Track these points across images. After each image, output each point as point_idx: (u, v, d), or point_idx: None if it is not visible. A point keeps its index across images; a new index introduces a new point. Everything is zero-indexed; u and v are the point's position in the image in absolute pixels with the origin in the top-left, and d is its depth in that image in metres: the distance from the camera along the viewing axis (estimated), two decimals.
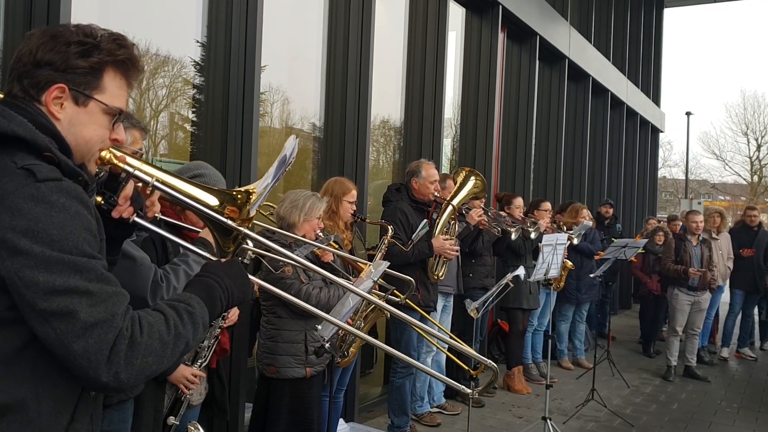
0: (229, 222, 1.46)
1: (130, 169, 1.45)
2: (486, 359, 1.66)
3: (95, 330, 1.22)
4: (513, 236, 5.83)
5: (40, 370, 1.28)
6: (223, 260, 1.51)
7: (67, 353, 1.22)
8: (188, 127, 4.58)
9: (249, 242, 1.58)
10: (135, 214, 1.50)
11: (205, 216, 1.48)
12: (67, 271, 1.22)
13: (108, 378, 1.23)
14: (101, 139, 1.42)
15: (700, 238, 7.35)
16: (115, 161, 1.45)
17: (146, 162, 1.53)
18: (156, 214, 1.60)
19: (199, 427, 2.60)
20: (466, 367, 3.88)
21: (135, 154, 1.65)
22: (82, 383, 1.34)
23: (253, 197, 1.48)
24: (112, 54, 1.39)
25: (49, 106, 1.35)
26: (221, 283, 1.44)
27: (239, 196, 1.49)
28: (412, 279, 2.05)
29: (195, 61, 4.38)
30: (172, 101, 4.52)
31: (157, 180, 1.46)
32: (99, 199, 1.46)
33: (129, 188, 1.47)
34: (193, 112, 4.53)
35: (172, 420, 2.65)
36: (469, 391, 1.70)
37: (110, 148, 1.45)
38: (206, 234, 2.27)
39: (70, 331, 1.21)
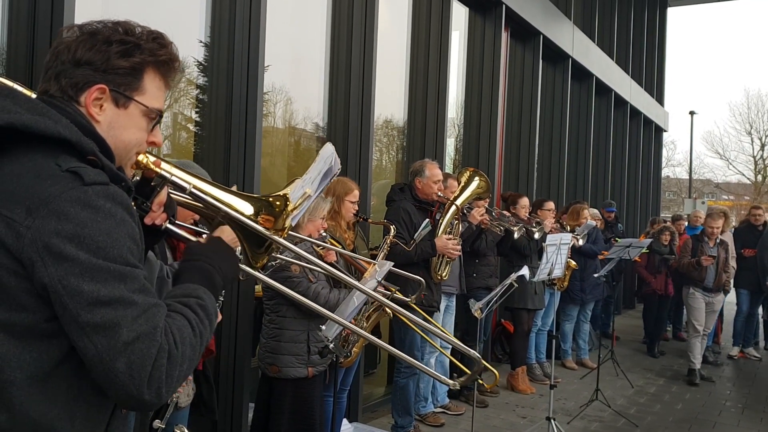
0: (265, 231, 1.39)
1: (167, 175, 1.40)
2: (469, 349, 1.61)
3: (137, 344, 1.14)
4: (516, 235, 5.81)
5: (74, 388, 1.22)
6: (202, 239, 1.44)
7: (108, 370, 1.13)
8: (191, 127, 4.58)
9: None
10: (167, 221, 1.45)
11: (239, 224, 1.41)
12: (112, 280, 1.15)
13: (150, 396, 1.15)
14: (139, 143, 1.37)
15: (717, 240, 7.33)
16: (152, 166, 1.40)
17: (174, 165, 1.48)
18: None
19: (185, 430, 2.58)
20: (468, 371, 3.87)
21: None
22: (119, 402, 1.25)
23: (290, 206, 1.41)
24: (154, 54, 1.34)
25: (88, 108, 1.29)
26: (216, 266, 1.36)
27: (277, 202, 1.41)
28: (422, 279, 1.98)
29: (198, 62, 4.37)
30: (176, 101, 4.51)
31: (194, 187, 1.41)
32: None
33: (163, 194, 1.42)
34: (196, 113, 4.53)
35: (157, 423, 2.61)
36: (451, 382, 1.66)
37: (146, 153, 1.40)
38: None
39: (112, 347, 1.13)
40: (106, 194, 1.18)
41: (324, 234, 3.63)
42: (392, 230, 4.31)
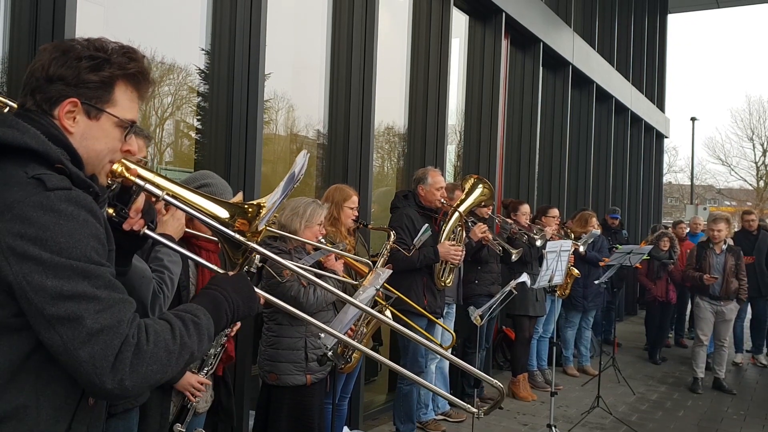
0: (238, 236, 1.48)
1: (141, 182, 1.48)
2: (491, 379, 1.63)
3: (101, 336, 1.22)
4: (514, 258, 5.81)
5: (42, 379, 1.30)
6: (231, 273, 1.52)
7: (73, 359, 1.22)
8: (193, 134, 4.60)
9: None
10: (146, 227, 1.52)
11: (214, 228, 1.50)
12: (75, 277, 1.23)
13: (113, 385, 1.23)
14: (112, 152, 1.45)
15: (724, 247, 7.16)
16: (127, 174, 1.48)
17: (157, 174, 1.56)
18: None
19: None
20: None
21: (139, 163, 1.67)
22: (86, 390, 1.34)
23: (263, 212, 1.50)
24: (123, 67, 1.41)
25: (62, 120, 1.37)
26: (227, 297, 1.46)
27: (250, 209, 1.51)
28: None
29: (200, 69, 4.40)
30: (177, 109, 4.54)
31: (168, 193, 1.49)
32: (111, 211, 1.49)
33: (140, 201, 1.51)
34: (198, 120, 4.55)
35: (178, 427, 2.66)
36: (474, 410, 1.68)
37: (123, 161, 1.48)
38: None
39: (76, 337, 1.21)
40: (68, 198, 1.26)
41: (324, 241, 3.63)
42: (392, 236, 4.31)
